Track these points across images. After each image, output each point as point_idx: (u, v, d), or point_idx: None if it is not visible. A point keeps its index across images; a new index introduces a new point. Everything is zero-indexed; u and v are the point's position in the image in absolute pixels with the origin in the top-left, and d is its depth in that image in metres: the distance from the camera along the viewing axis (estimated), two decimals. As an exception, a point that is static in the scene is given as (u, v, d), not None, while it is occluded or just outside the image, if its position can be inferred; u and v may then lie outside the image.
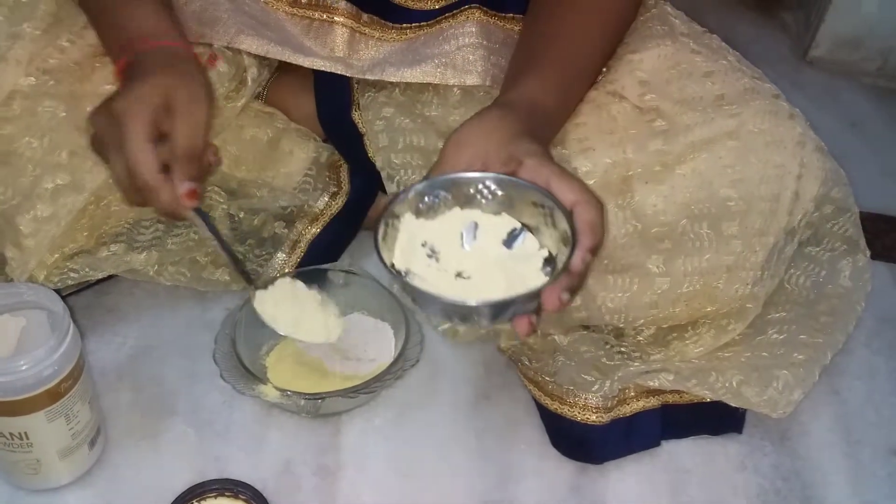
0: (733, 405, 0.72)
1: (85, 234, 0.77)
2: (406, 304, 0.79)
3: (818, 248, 0.77)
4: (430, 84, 0.79)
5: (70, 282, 0.76)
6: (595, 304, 0.72)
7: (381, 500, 0.70)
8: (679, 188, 0.68)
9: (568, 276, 0.56)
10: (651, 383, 0.72)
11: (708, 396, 0.72)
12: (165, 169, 0.65)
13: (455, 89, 0.80)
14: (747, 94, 0.70)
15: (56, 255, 0.75)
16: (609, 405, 0.72)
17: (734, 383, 0.71)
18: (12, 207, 0.72)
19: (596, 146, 0.70)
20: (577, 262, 0.56)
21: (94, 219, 0.77)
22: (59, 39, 0.75)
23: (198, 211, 0.67)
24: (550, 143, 0.68)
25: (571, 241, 0.57)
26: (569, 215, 0.58)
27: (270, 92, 0.87)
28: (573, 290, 0.57)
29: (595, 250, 0.58)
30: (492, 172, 0.61)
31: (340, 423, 0.75)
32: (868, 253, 0.77)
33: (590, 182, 0.68)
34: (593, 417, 0.72)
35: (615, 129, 0.71)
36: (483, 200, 0.62)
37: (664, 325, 0.74)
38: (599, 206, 0.59)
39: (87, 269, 0.77)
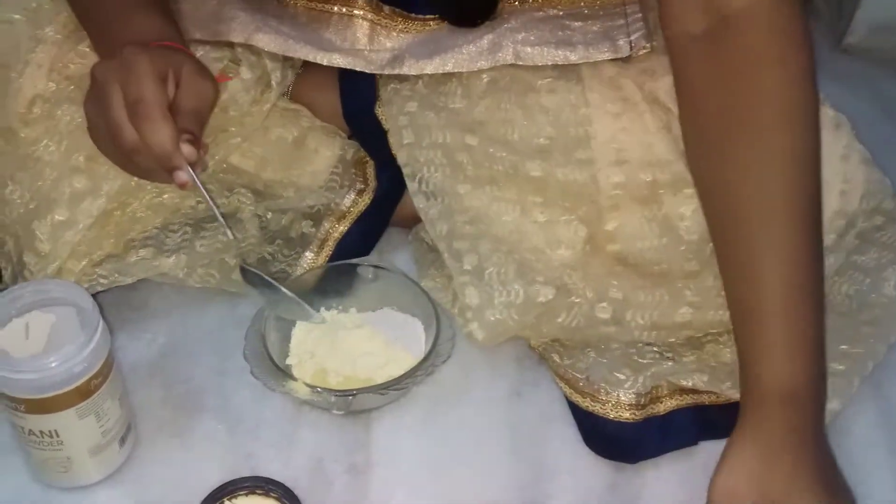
0: None
1: (111, 240, 0.77)
2: (437, 300, 0.78)
3: (864, 257, 0.75)
4: (453, 74, 0.78)
5: (99, 287, 0.76)
6: (626, 320, 0.70)
7: (412, 497, 0.69)
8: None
9: None
10: (684, 382, 0.71)
11: None
12: None
13: (483, 77, 0.78)
14: None
15: (84, 262, 0.75)
16: (642, 402, 0.71)
17: None
18: (30, 212, 0.73)
19: (631, 158, 0.69)
20: None
21: (121, 225, 0.77)
22: (80, 45, 0.75)
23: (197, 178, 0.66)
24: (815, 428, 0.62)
25: None
26: None
27: (295, 88, 0.86)
28: None
29: None
30: None
31: (371, 419, 0.74)
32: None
33: (617, 192, 0.66)
34: (626, 415, 0.70)
35: (653, 143, 0.69)
36: None
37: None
38: None
39: (116, 275, 0.76)
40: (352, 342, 0.76)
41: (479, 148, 0.75)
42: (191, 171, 0.66)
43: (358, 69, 0.79)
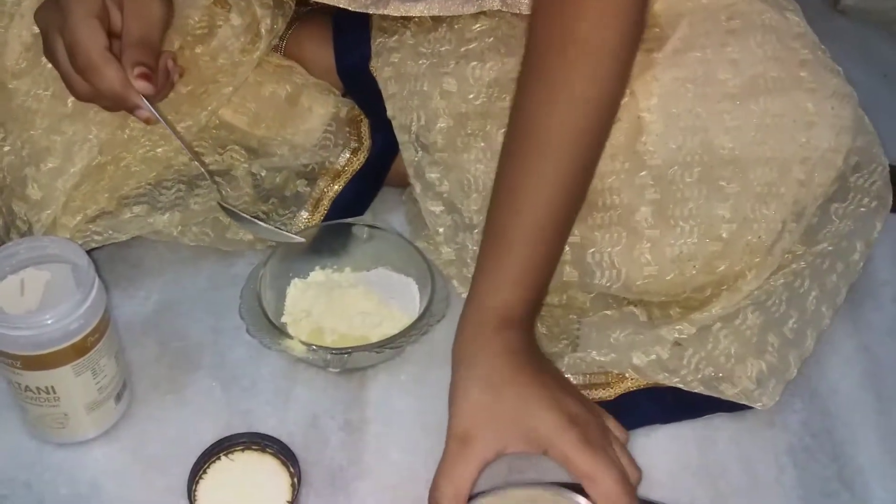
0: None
1: (106, 195, 0.76)
2: (432, 259, 0.78)
3: (844, 204, 0.75)
4: (442, 22, 0.77)
5: (94, 244, 0.76)
6: (585, 261, 0.70)
7: (407, 454, 0.70)
8: (672, 130, 0.66)
9: None
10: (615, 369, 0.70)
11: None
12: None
13: (476, 23, 0.76)
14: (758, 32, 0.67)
15: (79, 218, 0.75)
16: (585, 383, 0.70)
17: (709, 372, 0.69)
18: (22, 161, 0.72)
19: None
20: None
21: (114, 180, 0.77)
22: None
23: (156, 109, 0.64)
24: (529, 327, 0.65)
25: None
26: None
27: (288, 44, 0.85)
28: None
29: None
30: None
31: (366, 377, 0.74)
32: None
33: None
34: None
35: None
36: None
37: (681, 296, 0.71)
38: (618, 477, 0.57)
39: (110, 232, 0.76)
40: (347, 301, 0.76)
41: (458, 93, 0.74)
42: (149, 105, 0.65)
43: (341, 6, 0.77)
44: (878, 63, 1.14)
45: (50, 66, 0.70)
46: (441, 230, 0.77)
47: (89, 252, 0.68)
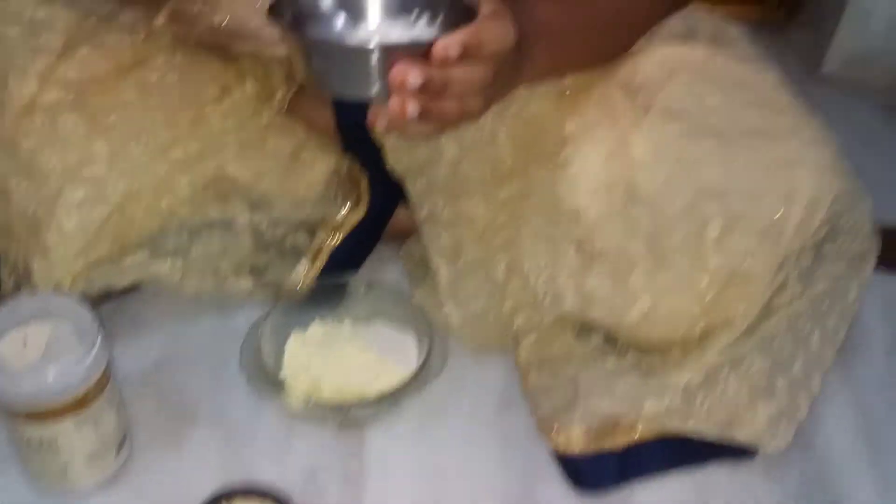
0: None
1: (109, 243, 0.77)
2: (428, 312, 0.79)
3: (836, 245, 0.73)
4: None
5: (95, 289, 0.76)
6: (584, 292, 0.70)
7: (405, 507, 0.70)
8: (662, 165, 0.68)
9: (427, 63, 0.55)
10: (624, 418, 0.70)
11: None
12: None
13: None
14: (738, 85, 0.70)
15: (81, 264, 0.76)
16: (593, 433, 0.71)
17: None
18: (37, 220, 0.73)
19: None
20: (438, 46, 0.54)
21: (119, 228, 0.78)
22: (79, 51, 0.75)
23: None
24: (537, 58, 0.65)
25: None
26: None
27: (291, 103, 0.87)
28: (427, 79, 0.55)
29: (468, 51, 0.55)
30: None
31: (364, 432, 0.75)
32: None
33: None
34: (576, 448, 0.71)
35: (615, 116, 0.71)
36: None
37: (677, 334, 0.71)
38: (504, 27, 0.57)
39: (111, 277, 0.77)
40: (345, 355, 0.77)
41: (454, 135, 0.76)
42: None
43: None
44: (858, 129, 1.17)
45: (69, 130, 0.72)
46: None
47: (91, 305, 0.69)
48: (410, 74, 0.54)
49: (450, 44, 0.54)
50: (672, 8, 0.76)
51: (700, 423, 0.70)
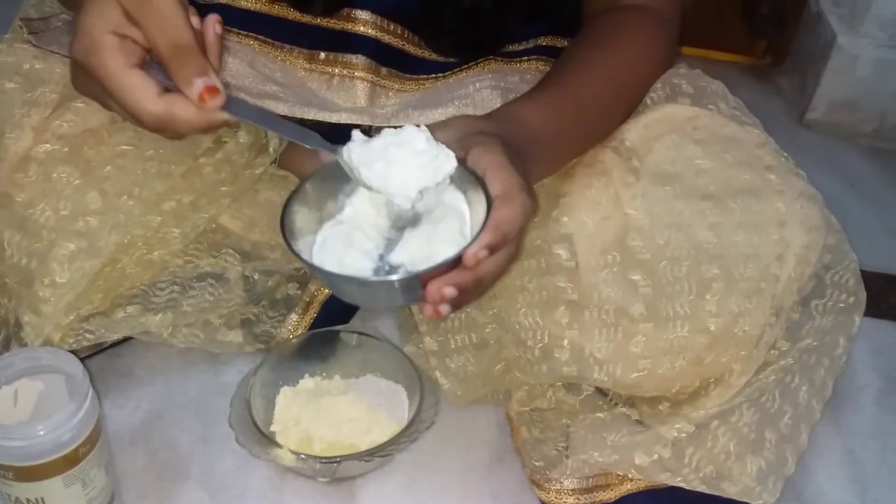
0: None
1: (100, 295, 0.77)
2: (420, 366, 0.79)
3: (823, 300, 0.75)
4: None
5: (85, 343, 0.76)
6: (583, 356, 0.71)
7: (397, 565, 0.69)
8: (657, 227, 0.68)
9: (459, 271, 0.56)
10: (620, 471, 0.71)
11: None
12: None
13: None
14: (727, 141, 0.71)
15: (71, 317, 0.76)
16: (588, 486, 0.71)
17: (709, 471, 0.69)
18: (29, 273, 0.73)
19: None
20: (468, 255, 0.55)
21: (110, 281, 0.78)
22: (75, 101, 0.76)
23: (231, 104, 0.59)
24: (536, 162, 0.67)
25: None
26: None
27: (283, 156, 0.88)
28: (462, 288, 0.56)
29: (495, 248, 0.56)
30: None
31: (355, 486, 0.74)
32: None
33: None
34: (570, 500, 0.71)
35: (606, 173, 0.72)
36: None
37: (671, 390, 0.72)
38: (521, 207, 0.58)
39: (102, 331, 0.77)
40: (336, 409, 0.77)
41: None
42: (226, 110, 0.60)
43: (365, 123, 0.80)
44: (844, 173, 1.19)
45: (63, 182, 0.72)
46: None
47: (81, 360, 0.68)
48: (446, 291, 0.55)
49: (478, 252, 0.55)
50: (660, 74, 0.78)
51: (689, 477, 0.70)
